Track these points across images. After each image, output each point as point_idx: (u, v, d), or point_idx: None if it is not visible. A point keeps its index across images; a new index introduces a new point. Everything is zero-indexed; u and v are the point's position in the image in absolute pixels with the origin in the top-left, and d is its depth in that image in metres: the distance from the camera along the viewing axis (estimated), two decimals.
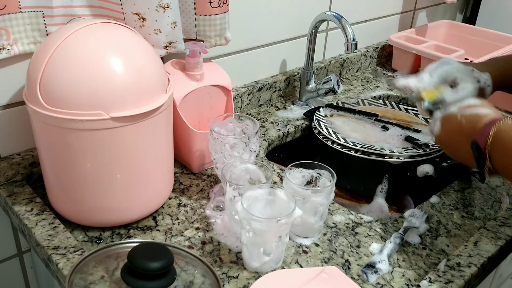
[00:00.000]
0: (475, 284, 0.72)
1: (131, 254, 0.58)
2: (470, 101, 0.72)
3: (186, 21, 0.87)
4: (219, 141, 0.78)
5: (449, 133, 0.72)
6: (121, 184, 0.72)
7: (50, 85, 0.65)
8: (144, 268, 0.56)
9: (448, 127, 0.72)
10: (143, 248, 0.59)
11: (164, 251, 0.59)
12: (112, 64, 0.66)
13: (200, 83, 0.87)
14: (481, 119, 0.67)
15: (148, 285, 0.57)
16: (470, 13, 1.82)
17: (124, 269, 0.58)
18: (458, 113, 0.71)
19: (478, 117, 0.68)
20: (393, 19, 1.50)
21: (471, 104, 0.71)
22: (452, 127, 0.71)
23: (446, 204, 0.86)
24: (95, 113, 0.65)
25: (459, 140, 0.69)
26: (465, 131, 0.69)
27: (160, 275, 0.58)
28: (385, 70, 1.45)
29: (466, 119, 0.69)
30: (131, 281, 0.57)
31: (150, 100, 0.69)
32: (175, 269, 0.61)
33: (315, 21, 1.10)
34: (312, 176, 0.77)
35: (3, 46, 0.73)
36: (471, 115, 0.69)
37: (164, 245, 0.65)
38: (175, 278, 0.60)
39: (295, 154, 1.09)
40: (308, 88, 1.17)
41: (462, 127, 0.69)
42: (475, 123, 0.67)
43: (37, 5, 0.74)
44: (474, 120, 0.68)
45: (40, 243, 0.70)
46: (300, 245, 0.75)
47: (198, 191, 0.85)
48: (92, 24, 0.68)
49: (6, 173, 0.81)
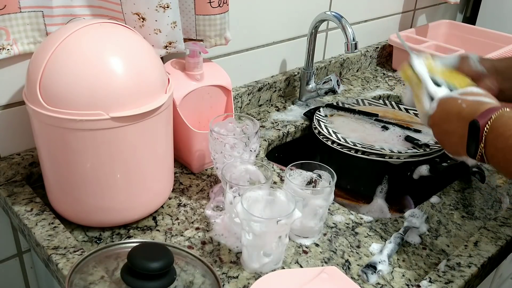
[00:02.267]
0: (475, 284, 0.72)
1: (131, 254, 0.58)
2: (474, 89, 0.71)
3: (186, 21, 0.87)
4: (219, 141, 0.78)
5: (447, 114, 0.70)
6: (121, 184, 0.71)
7: (50, 85, 0.65)
8: (144, 268, 0.56)
9: (446, 109, 0.71)
10: (143, 248, 0.59)
11: (164, 251, 0.59)
12: (111, 64, 0.66)
13: (200, 83, 0.87)
14: (484, 105, 0.66)
15: (148, 285, 0.57)
16: (470, 13, 1.82)
17: (124, 269, 0.58)
18: (460, 97, 0.69)
19: (481, 103, 0.67)
20: (393, 19, 1.50)
21: (474, 92, 0.70)
22: (451, 109, 0.69)
23: (446, 204, 0.86)
24: (95, 113, 0.65)
25: (456, 122, 0.68)
26: (464, 115, 0.67)
27: (160, 275, 0.58)
28: (385, 70, 1.45)
29: (467, 104, 0.67)
30: (131, 281, 0.57)
31: (150, 100, 0.69)
32: (175, 269, 0.61)
33: (315, 21, 1.10)
34: (312, 177, 0.77)
35: (3, 46, 0.73)
36: (473, 101, 0.68)
37: (164, 245, 0.65)
38: (175, 278, 0.60)
39: (295, 154, 1.09)
40: (308, 88, 1.17)
41: (461, 111, 0.68)
42: (477, 108, 0.66)
43: (37, 5, 0.74)
44: (476, 106, 0.67)
45: (40, 243, 0.70)
46: (300, 245, 0.75)
47: (198, 191, 0.85)
48: (92, 24, 0.68)
49: (6, 173, 0.81)
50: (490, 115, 0.63)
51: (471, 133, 0.65)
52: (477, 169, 0.93)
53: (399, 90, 1.32)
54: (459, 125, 0.67)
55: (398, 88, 1.33)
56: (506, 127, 0.62)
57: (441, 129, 0.72)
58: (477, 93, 0.69)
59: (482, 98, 0.68)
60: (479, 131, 0.63)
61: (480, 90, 0.70)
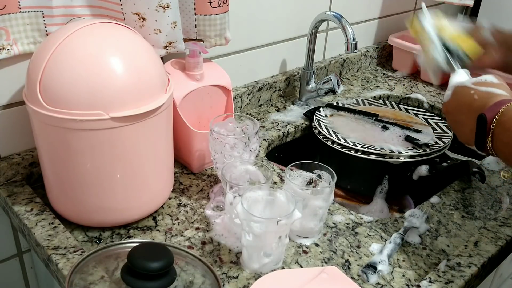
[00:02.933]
0: (475, 284, 0.72)
1: (131, 254, 0.58)
2: (488, 78, 0.70)
3: (186, 21, 0.87)
4: (219, 141, 0.78)
5: (459, 105, 0.70)
6: (121, 184, 0.71)
7: (50, 85, 0.65)
8: (144, 268, 0.56)
9: (459, 99, 0.71)
10: (143, 248, 0.59)
11: (164, 251, 0.59)
12: (111, 64, 0.66)
13: (200, 83, 0.87)
14: (494, 97, 0.66)
15: (148, 285, 0.57)
16: (470, 13, 1.82)
17: (124, 269, 0.58)
18: (473, 87, 0.69)
19: (492, 95, 0.66)
20: (393, 19, 1.50)
21: (487, 82, 0.69)
22: (463, 100, 0.70)
23: (446, 204, 0.86)
24: (95, 113, 0.65)
25: (467, 114, 0.68)
26: (475, 107, 0.67)
27: (160, 275, 0.58)
28: (385, 70, 1.45)
29: (479, 96, 0.67)
30: (131, 281, 0.57)
31: (150, 100, 0.69)
32: (175, 269, 0.61)
33: (315, 21, 1.10)
34: (312, 177, 0.77)
35: (3, 46, 0.73)
36: (486, 92, 0.67)
37: (164, 245, 0.65)
38: (175, 278, 0.60)
39: (295, 154, 1.09)
40: (308, 88, 1.17)
41: (472, 102, 0.68)
42: (487, 100, 0.66)
43: (37, 5, 0.74)
44: (486, 98, 0.66)
45: (40, 243, 0.70)
46: (300, 245, 0.75)
47: (198, 191, 0.85)
48: (91, 24, 0.68)
49: (6, 173, 0.81)
50: (499, 109, 0.63)
51: (479, 127, 0.65)
52: (477, 169, 0.93)
53: (399, 90, 1.31)
54: (469, 117, 0.67)
55: (398, 88, 1.33)
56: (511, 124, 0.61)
57: (454, 118, 0.72)
58: (491, 83, 0.69)
59: (494, 89, 0.67)
60: (486, 124, 0.64)
61: (494, 80, 0.70)
